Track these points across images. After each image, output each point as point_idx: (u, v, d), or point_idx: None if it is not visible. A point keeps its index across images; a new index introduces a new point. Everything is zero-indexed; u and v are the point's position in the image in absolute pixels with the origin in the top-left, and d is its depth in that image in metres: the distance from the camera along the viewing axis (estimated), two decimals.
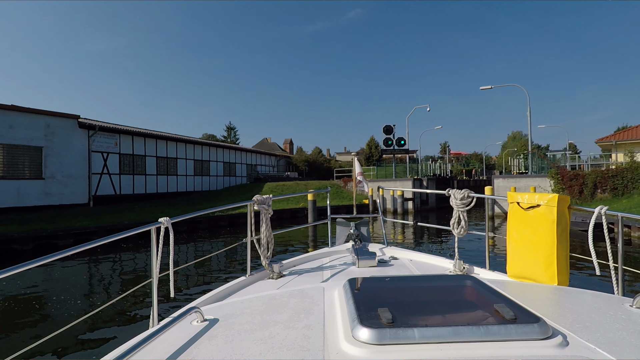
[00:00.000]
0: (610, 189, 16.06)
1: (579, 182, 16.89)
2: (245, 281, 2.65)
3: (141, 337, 0.99)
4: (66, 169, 17.27)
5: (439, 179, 27.54)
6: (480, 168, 52.77)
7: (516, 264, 2.23)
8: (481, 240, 10.49)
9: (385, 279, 1.41)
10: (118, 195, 19.83)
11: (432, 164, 30.93)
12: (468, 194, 2.66)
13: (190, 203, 20.26)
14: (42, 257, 1.36)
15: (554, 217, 2.03)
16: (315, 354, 0.86)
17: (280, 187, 24.98)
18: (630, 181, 15.66)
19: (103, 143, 19.20)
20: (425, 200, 24.90)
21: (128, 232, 1.86)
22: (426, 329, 0.88)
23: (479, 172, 50.57)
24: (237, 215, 18.27)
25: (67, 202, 17.15)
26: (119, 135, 20.17)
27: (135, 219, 15.09)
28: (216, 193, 24.85)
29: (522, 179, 18.78)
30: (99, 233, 13.25)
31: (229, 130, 57.18)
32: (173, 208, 18.38)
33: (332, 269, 2.87)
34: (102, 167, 19.19)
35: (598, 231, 1.97)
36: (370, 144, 49.85)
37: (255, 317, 1.14)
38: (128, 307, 5.69)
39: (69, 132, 17.43)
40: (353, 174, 4.18)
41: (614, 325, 0.99)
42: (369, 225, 3.90)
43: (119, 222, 14.42)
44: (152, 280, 1.95)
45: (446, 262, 2.92)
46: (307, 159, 40.01)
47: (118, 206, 17.90)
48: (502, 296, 1.12)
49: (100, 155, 19.10)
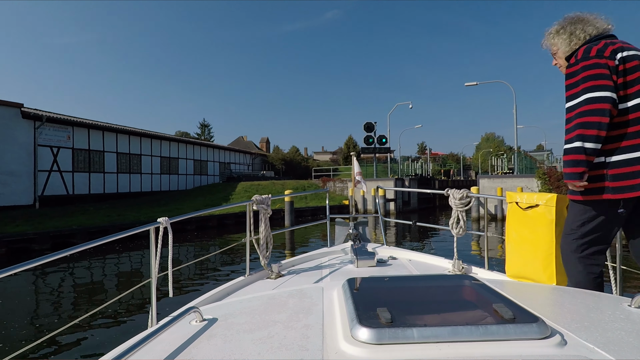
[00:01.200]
0: None
1: None
2: (244, 281, 2.64)
3: (140, 336, 0.97)
4: (5, 165, 14.99)
5: (421, 179, 26.82)
6: (457, 168, 53.02)
7: (515, 263, 2.24)
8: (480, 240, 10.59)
9: (384, 278, 1.38)
10: (70, 196, 17.63)
11: (412, 163, 30.20)
12: (467, 194, 2.66)
13: (154, 204, 18.34)
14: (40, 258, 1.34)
15: (552, 216, 2.03)
16: (314, 353, 0.85)
17: (255, 186, 23.37)
18: None
19: (53, 136, 16.97)
20: (407, 201, 24.09)
21: (127, 232, 1.81)
22: (425, 328, 0.87)
23: (456, 172, 50.77)
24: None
25: (7, 203, 14.90)
26: (72, 127, 17.94)
27: (86, 223, 13.15)
28: (185, 193, 22.93)
29: (507, 179, 18.13)
30: (39, 240, 11.29)
31: (202, 127, 54.79)
32: (134, 209, 16.45)
33: (331, 269, 2.87)
34: (52, 163, 16.95)
35: None
36: (348, 143, 48.87)
37: (254, 316, 1.13)
38: (127, 307, 5.64)
39: (9, 122, 15.15)
40: (352, 173, 4.11)
41: (613, 324, 0.98)
42: (368, 225, 3.87)
43: (67, 226, 12.46)
44: (151, 280, 1.95)
45: (445, 262, 2.94)
46: (284, 157, 38.41)
47: (69, 208, 15.79)
48: (501, 296, 1.10)
49: (49, 150, 16.86)
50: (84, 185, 18.51)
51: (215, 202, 19.74)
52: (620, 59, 1.64)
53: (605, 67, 1.63)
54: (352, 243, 3.41)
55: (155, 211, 16.33)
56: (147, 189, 22.65)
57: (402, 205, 23.45)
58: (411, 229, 14.11)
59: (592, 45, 1.70)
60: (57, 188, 17.15)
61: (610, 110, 1.61)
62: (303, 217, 19.77)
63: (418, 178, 26.45)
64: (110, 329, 4.90)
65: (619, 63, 1.64)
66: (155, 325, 1.14)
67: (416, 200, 24.76)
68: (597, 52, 1.65)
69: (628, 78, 1.63)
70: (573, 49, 1.82)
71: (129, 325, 5.00)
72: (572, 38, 1.81)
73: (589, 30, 1.79)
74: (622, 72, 1.63)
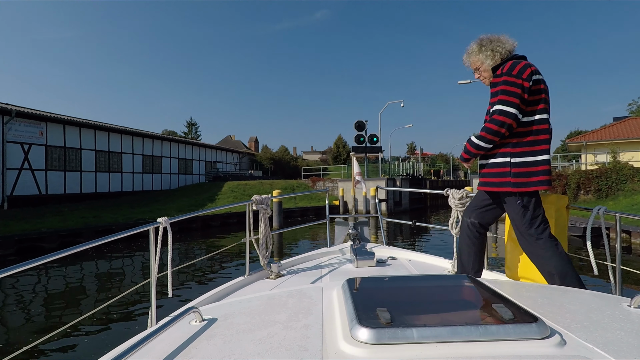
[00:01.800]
0: (595, 190, 15.31)
1: (562, 182, 16.06)
2: (244, 281, 2.62)
3: (139, 337, 0.97)
4: None
5: (412, 179, 26.38)
6: (446, 169, 53.02)
7: (514, 263, 2.24)
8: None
9: (383, 279, 1.36)
10: (43, 196, 16.50)
11: (404, 163, 29.75)
12: (466, 194, 2.67)
13: (134, 204, 17.35)
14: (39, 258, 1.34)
15: (552, 216, 2.01)
16: (313, 353, 0.84)
17: (242, 186, 22.53)
18: (614, 182, 14.96)
19: (24, 132, 15.83)
20: (399, 202, 23.58)
21: (126, 232, 1.80)
22: (424, 328, 0.87)
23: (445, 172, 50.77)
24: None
25: None
26: (45, 123, 16.80)
27: (59, 225, 12.15)
28: (168, 193, 21.92)
29: None
30: (2, 245, 10.30)
31: (189, 126, 53.44)
32: (112, 210, 15.47)
33: (331, 269, 2.87)
34: (22, 161, 15.81)
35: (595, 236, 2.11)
36: (338, 142, 48.22)
37: (254, 317, 1.12)
38: (126, 307, 5.62)
39: None
40: (352, 173, 4.18)
41: (612, 325, 0.99)
42: (367, 225, 3.85)
43: (35, 229, 11.46)
44: (151, 280, 1.94)
45: (444, 262, 2.95)
46: (273, 156, 37.55)
47: (41, 209, 14.70)
48: (501, 296, 1.10)
49: (20, 147, 15.72)
50: (58, 184, 17.38)
51: (201, 203, 18.85)
52: (534, 81, 1.95)
53: (520, 86, 1.92)
54: (352, 243, 3.37)
55: (135, 212, 15.39)
56: (128, 189, 21.58)
57: (394, 205, 22.93)
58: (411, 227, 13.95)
59: (517, 62, 1.99)
60: (28, 188, 16.00)
61: (511, 124, 1.94)
62: (292, 217, 19.03)
63: (409, 178, 26.01)
64: (110, 329, 4.86)
65: (532, 84, 1.95)
66: (154, 326, 1.15)
67: (408, 201, 24.28)
68: (518, 72, 1.94)
69: (536, 97, 1.96)
70: (497, 62, 2.13)
71: (129, 326, 4.95)
72: (495, 54, 2.12)
73: (506, 47, 2.12)
74: (533, 92, 1.95)
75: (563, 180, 16.09)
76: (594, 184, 15.38)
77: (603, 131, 23.97)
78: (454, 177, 51.07)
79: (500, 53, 2.11)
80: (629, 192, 14.25)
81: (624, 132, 22.60)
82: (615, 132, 23.14)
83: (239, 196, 20.99)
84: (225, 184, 22.79)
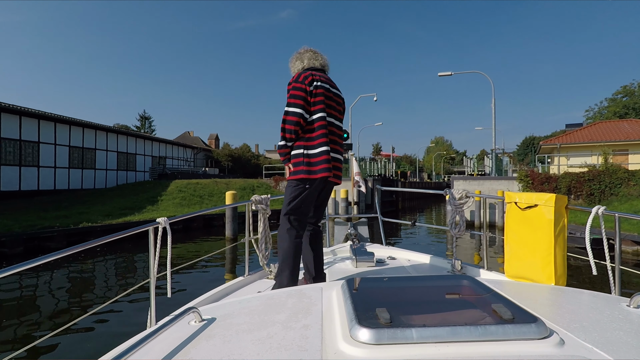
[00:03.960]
0: (586, 195, 14.00)
1: (552, 185, 14.66)
2: (244, 281, 2.63)
3: (139, 337, 0.97)
4: None
5: (384, 179, 24.57)
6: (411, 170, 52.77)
7: (514, 263, 2.22)
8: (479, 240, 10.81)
9: (383, 279, 1.37)
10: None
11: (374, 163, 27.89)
12: (466, 194, 2.69)
13: (49, 207, 13.76)
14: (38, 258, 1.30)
15: (551, 216, 2.02)
16: (313, 354, 0.85)
17: (192, 186, 19.35)
18: (608, 186, 13.72)
19: None
20: (371, 204, 21.60)
21: (125, 233, 1.77)
22: (424, 329, 0.87)
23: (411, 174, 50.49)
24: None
25: None
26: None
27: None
28: (100, 193, 18.21)
29: (485, 182, 16.17)
30: None
31: (142, 119, 48.57)
32: (11, 215, 11.87)
33: (330, 269, 2.85)
34: None
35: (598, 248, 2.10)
36: None
37: (253, 317, 1.12)
38: (125, 307, 5.59)
39: None
40: (351, 173, 4.06)
41: (611, 325, 0.99)
42: (367, 225, 3.87)
43: None
44: (150, 280, 1.92)
45: (444, 262, 2.94)
46: (232, 153, 34.20)
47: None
48: (500, 296, 1.11)
49: None
50: None
51: (138, 205, 15.54)
52: (314, 86, 2.27)
53: (303, 90, 2.24)
54: (351, 243, 3.38)
55: (44, 217, 11.91)
56: (48, 187, 17.69)
57: (366, 208, 20.97)
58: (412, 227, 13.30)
59: (302, 73, 2.32)
60: None
61: (298, 121, 2.22)
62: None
63: (381, 179, 24.16)
64: (109, 330, 4.85)
65: (313, 89, 2.27)
66: (154, 326, 1.16)
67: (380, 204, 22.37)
68: (303, 79, 2.27)
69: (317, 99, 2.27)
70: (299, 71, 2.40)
71: (128, 326, 4.92)
72: (298, 64, 2.46)
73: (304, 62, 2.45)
74: (314, 95, 2.27)
75: (552, 183, 14.68)
76: (585, 188, 14.06)
77: (575, 134, 23.45)
78: (419, 179, 51.42)
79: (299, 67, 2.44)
80: (624, 198, 12.99)
81: (597, 135, 22.12)
82: (588, 134, 22.66)
83: (188, 197, 17.84)
84: (172, 183, 19.44)
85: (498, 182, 15.93)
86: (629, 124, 23.33)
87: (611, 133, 22.04)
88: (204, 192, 18.95)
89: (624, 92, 38.59)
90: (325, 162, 2.19)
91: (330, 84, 2.38)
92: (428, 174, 62.50)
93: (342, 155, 2.39)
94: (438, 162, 70.00)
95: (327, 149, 2.20)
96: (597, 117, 39.57)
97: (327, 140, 2.22)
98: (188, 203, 17.22)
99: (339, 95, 2.44)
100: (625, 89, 38.53)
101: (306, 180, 2.22)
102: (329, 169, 2.20)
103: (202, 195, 18.49)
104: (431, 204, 34.80)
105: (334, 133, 2.32)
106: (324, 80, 2.32)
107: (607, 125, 23.78)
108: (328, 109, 2.29)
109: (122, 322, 5.09)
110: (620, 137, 21.00)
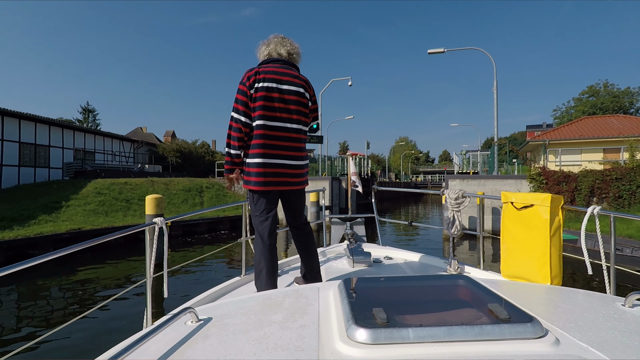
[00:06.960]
0: (613, 197, 11.48)
1: (570, 186, 12.05)
2: (240, 281, 2.60)
3: (135, 337, 0.96)
4: None
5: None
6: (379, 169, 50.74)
7: (510, 263, 2.23)
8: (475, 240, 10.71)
9: (380, 279, 1.35)
10: None
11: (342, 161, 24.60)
12: (462, 194, 2.68)
13: None
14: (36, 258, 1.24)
15: (547, 216, 2.02)
16: (310, 354, 0.85)
17: (118, 186, 14.87)
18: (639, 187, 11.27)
19: None
20: (345, 208, 18.30)
21: (122, 233, 1.74)
22: (421, 328, 0.87)
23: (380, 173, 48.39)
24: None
25: None
26: None
27: None
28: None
29: (488, 181, 13.32)
30: None
31: (85, 112, 42.20)
32: None
33: (327, 269, 2.83)
34: None
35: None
36: None
37: (250, 317, 1.12)
38: (122, 308, 5.61)
39: None
40: (348, 173, 3.81)
41: (606, 324, 0.99)
42: (364, 225, 3.96)
43: None
44: (146, 280, 1.89)
45: (440, 262, 2.93)
46: (180, 148, 29.42)
47: None
48: (496, 296, 1.10)
49: None
50: None
51: (28, 214, 10.99)
52: (255, 89, 2.08)
53: (245, 94, 2.08)
54: (348, 243, 3.34)
55: None
56: None
57: (340, 213, 17.58)
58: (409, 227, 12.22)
59: (251, 69, 2.13)
60: None
61: (241, 128, 2.09)
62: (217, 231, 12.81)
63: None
64: (106, 330, 4.85)
65: (254, 92, 2.08)
66: (150, 326, 1.14)
67: (355, 207, 19.16)
68: (246, 79, 2.09)
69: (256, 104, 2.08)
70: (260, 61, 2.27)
71: (124, 326, 4.91)
72: (263, 49, 2.28)
73: (270, 46, 2.26)
74: (254, 99, 2.08)
75: (572, 184, 12.04)
76: (612, 189, 11.53)
77: (563, 130, 21.63)
78: (388, 179, 49.75)
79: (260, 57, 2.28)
80: None
81: (588, 131, 20.35)
82: (578, 130, 20.88)
83: (109, 202, 13.38)
84: (90, 183, 14.81)
85: (503, 181, 13.12)
86: (617, 119, 21.89)
87: (603, 129, 20.37)
88: (134, 194, 14.54)
89: (589, 92, 38.57)
90: (259, 174, 2.10)
91: (284, 79, 2.14)
92: (396, 173, 60.85)
93: (300, 159, 2.21)
94: (405, 162, 68.75)
95: (261, 161, 2.09)
96: (564, 117, 39.28)
97: (262, 151, 2.09)
98: (107, 210, 12.80)
99: (296, 92, 2.18)
100: (591, 89, 38.53)
101: (253, 190, 2.17)
102: (266, 182, 2.11)
103: (129, 199, 14.08)
104: (405, 204, 32.50)
105: (283, 138, 2.14)
106: (272, 77, 2.11)
107: (594, 121, 22.25)
108: (272, 112, 2.11)
109: (119, 322, 5.05)
110: (613, 133, 19.31)
